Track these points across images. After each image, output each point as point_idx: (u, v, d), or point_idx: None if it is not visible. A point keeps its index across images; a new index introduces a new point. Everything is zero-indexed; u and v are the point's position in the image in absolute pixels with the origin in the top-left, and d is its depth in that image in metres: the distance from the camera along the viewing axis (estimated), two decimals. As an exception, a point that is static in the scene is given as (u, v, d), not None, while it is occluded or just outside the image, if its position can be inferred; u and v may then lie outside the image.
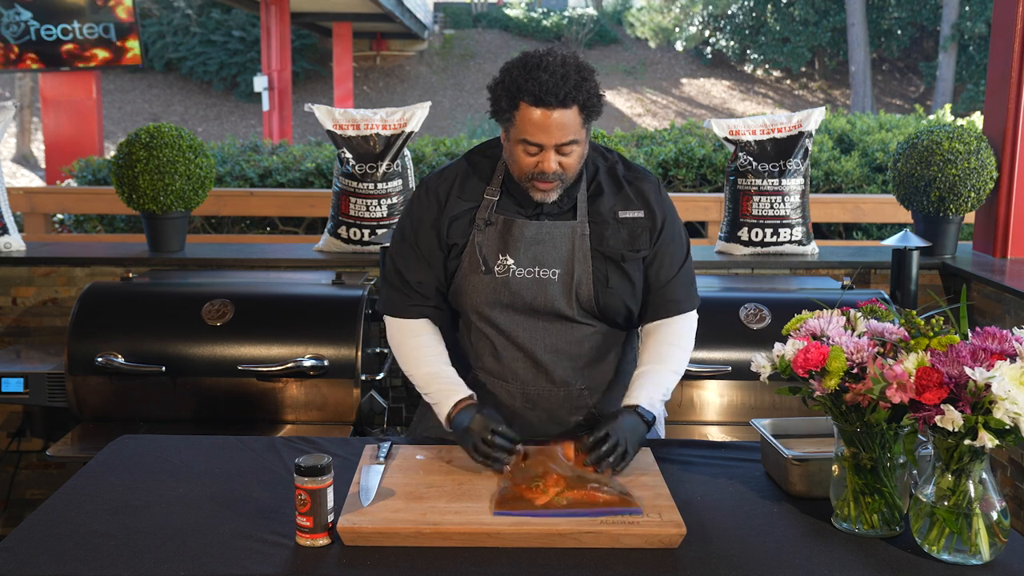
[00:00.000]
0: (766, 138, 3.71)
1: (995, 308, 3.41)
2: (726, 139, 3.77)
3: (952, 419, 1.47)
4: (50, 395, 3.16)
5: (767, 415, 2.47)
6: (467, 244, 2.09)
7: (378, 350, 3.22)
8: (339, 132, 3.67)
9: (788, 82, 23.42)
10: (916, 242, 3.34)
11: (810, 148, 3.74)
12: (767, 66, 23.09)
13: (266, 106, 13.50)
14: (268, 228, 6.17)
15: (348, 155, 3.65)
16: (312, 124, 18.05)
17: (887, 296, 3.22)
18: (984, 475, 1.56)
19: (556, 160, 1.97)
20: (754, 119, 3.76)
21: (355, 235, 3.71)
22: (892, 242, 3.37)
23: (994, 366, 1.47)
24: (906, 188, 3.79)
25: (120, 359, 2.89)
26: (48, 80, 8.63)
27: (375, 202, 3.65)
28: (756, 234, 3.72)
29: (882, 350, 1.64)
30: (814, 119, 3.71)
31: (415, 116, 3.68)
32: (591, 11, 25.37)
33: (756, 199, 3.70)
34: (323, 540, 1.63)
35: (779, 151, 3.70)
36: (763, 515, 1.77)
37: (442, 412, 2.04)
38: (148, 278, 3.36)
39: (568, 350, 2.12)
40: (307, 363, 2.86)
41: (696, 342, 2.34)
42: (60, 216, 6.22)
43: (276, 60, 13.55)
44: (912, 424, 1.60)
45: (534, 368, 2.13)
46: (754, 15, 22.59)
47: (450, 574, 1.54)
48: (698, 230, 5.92)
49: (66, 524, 1.71)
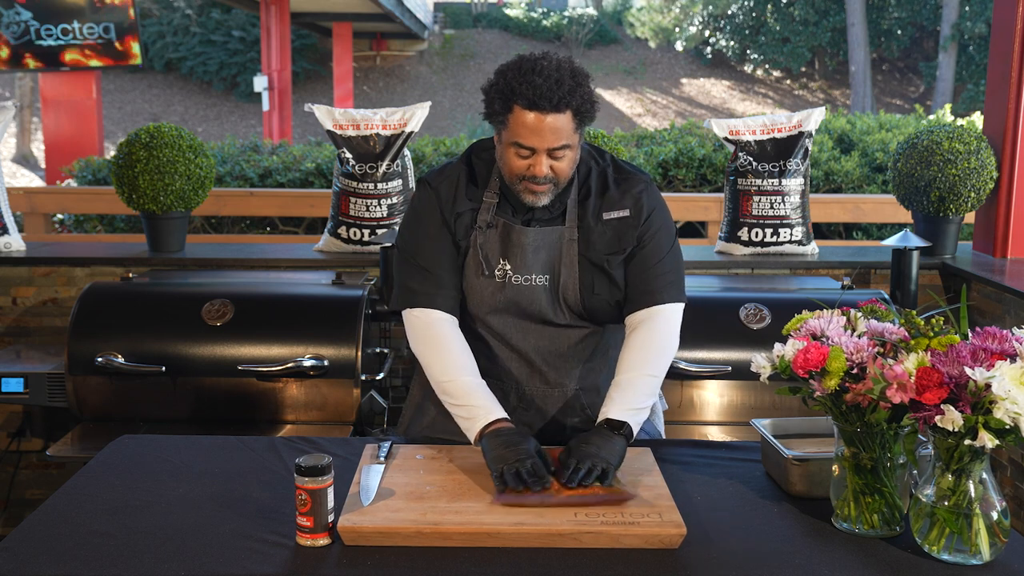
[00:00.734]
0: (766, 138, 3.71)
1: (995, 308, 3.41)
2: (726, 139, 3.77)
3: (952, 419, 1.47)
4: (50, 395, 3.16)
5: (767, 415, 2.47)
6: (469, 246, 2.08)
7: (378, 350, 3.22)
8: (339, 132, 3.67)
9: (788, 82, 23.42)
10: (916, 242, 3.34)
11: (810, 148, 3.74)
12: (767, 66, 23.09)
13: (266, 106, 13.51)
14: (268, 228, 6.17)
15: (348, 155, 3.65)
16: (312, 124, 18.05)
17: (887, 296, 3.22)
18: (984, 475, 1.56)
19: (548, 164, 1.95)
20: (754, 119, 3.76)
21: (355, 235, 3.71)
22: (892, 242, 3.37)
23: (994, 366, 1.47)
24: (906, 188, 3.79)
25: (120, 359, 2.89)
26: (48, 80, 8.63)
27: (375, 202, 3.66)
28: (756, 234, 3.72)
29: (882, 350, 1.64)
30: (814, 119, 3.71)
31: (415, 116, 3.68)
32: (591, 11, 25.37)
33: (756, 199, 3.70)
34: (323, 540, 1.63)
35: (779, 151, 3.70)
36: (763, 515, 1.77)
37: (475, 426, 1.93)
38: (148, 278, 3.36)
39: (560, 352, 2.13)
40: (307, 363, 2.86)
41: (696, 342, 2.34)
42: (60, 216, 6.22)
43: (276, 60, 13.56)
44: (912, 424, 1.60)
45: (528, 369, 2.13)
46: (754, 15, 22.59)
47: (450, 574, 1.54)
48: (698, 230, 5.91)
49: (66, 524, 1.71)
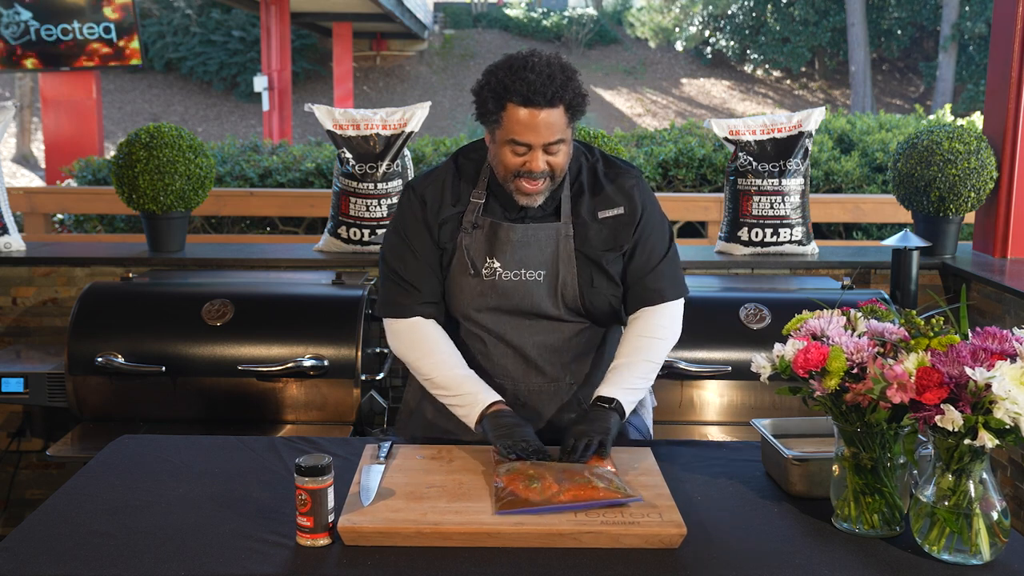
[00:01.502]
0: (766, 138, 3.71)
1: (995, 308, 3.41)
2: (726, 139, 3.77)
3: (952, 419, 1.47)
4: (50, 395, 3.16)
5: (767, 415, 2.46)
6: (455, 248, 2.09)
7: (378, 350, 3.22)
8: (339, 132, 3.67)
9: (788, 82, 23.42)
10: (916, 242, 3.34)
11: (810, 148, 3.73)
12: (767, 66, 23.09)
13: (266, 106, 13.51)
14: (268, 228, 6.17)
15: (348, 155, 3.65)
16: (312, 124, 18.06)
17: (887, 296, 3.22)
18: (984, 475, 1.56)
19: (544, 160, 1.97)
20: (754, 119, 3.76)
21: (355, 235, 3.71)
22: (892, 242, 3.37)
23: (994, 366, 1.47)
24: (906, 188, 3.79)
25: (120, 359, 2.89)
26: (48, 80, 8.63)
27: (375, 202, 3.65)
28: (756, 234, 3.72)
29: (882, 350, 1.64)
30: (814, 119, 3.71)
31: (415, 116, 3.68)
32: (591, 11, 25.37)
33: (756, 199, 3.70)
34: (323, 540, 1.63)
35: (779, 151, 3.70)
36: (763, 515, 1.77)
37: (474, 412, 2.00)
38: (148, 278, 3.36)
39: (556, 347, 2.14)
40: (307, 363, 2.86)
41: (696, 342, 2.35)
42: (60, 216, 6.22)
43: (276, 60, 13.56)
44: (912, 424, 1.60)
45: (523, 364, 2.14)
46: (754, 15, 22.59)
47: (450, 574, 1.54)
48: (698, 230, 5.91)
49: (66, 524, 1.71)
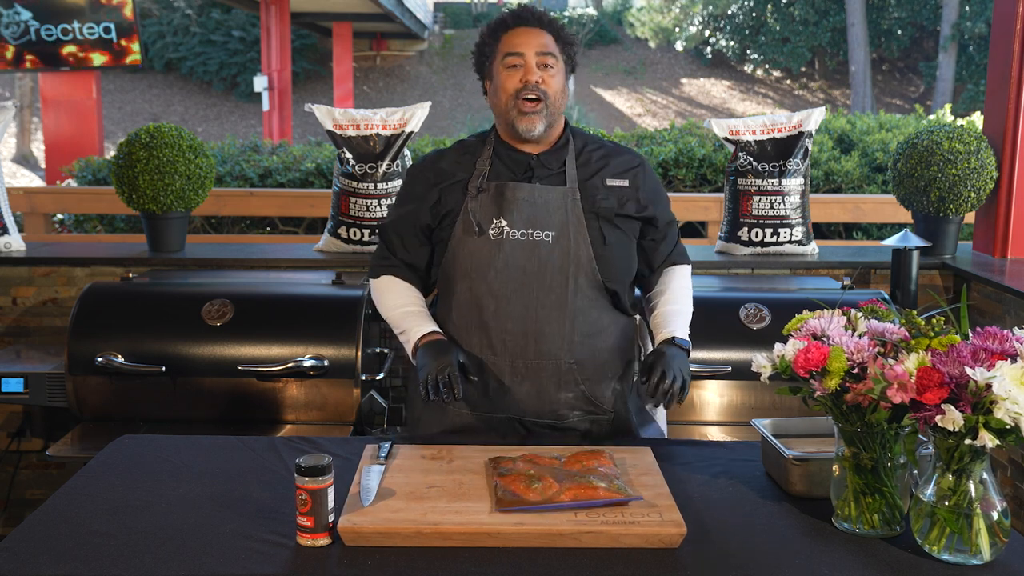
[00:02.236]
0: (766, 138, 3.71)
1: (995, 308, 3.41)
2: (726, 139, 3.77)
3: (953, 419, 1.47)
4: (50, 395, 3.15)
5: (767, 415, 2.46)
6: (461, 210, 2.14)
7: (378, 350, 3.22)
8: (339, 132, 3.67)
9: (788, 82, 23.42)
10: (916, 242, 3.34)
11: (810, 148, 3.73)
12: (767, 66, 23.09)
13: (266, 106, 13.52)
14: (268, 228, 6.17)
15: (348, 155, 3.65)
16: (312, 124, 18.06)
17: (887, 296, 3.22)
18: (985, 475, 1.56)
19: (538, 75, 2.12)
20: (754, 119, 3.76)
21: (355, 235, 3.71)
22: (892, 242, 3.37)
23: (995, 366, 1.47)
24: (906, 188, 3.79)
25: (120, 359, 2.89)
26: (48, 80, 8.63)
27: (375, 202, 3.65)
28: (756, 234, 3.72)
29: (883, 350, 1.64)
30: (814, 119, 3.71)
31: (415, 116, 3.68)
32: (591, 11, 25.37)
33: (756, 199, 3.70)
34: (324, 540, 1.63)
35: (779, 151, 3.70)
36: (763, 515, 1.77)
37: (410, 343, 2.15)
38: (148, 278, 3.36)
39: (560, 321, 2.13)
40: (307, 363, 2.86)
41: (696, 342, 2.35)
42: (60, 216, 6.22)
43: (276, 60, 13.57)
44: (913, 424, 1.60)
45: (523, 337, 2.13)
46: (754, 15, 22.59)
47: (450, 574, 1.54)
48: (698, 230, 5.91)
49: (66, 524, 1.71)
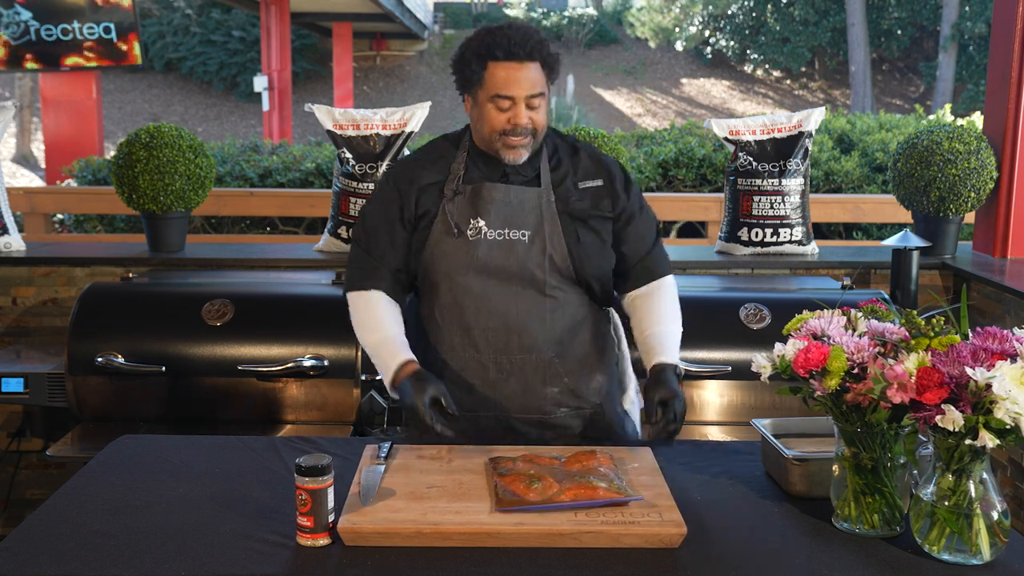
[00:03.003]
0: (766, 138, 3.71)
1: (995, 308, 3.41)
2: (726, 139, 3.77)
3: (953, 419, 1.47)
4: (50, 395, 3.15)
5: (767, 415, 2.46)
6: (438, 212, 2.14)
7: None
8: (339, 132, 3.67)
9: (788, 82, 23.42)
10: (916, 242, 3.34)
11: (810, 148, 3.73)
12: (767, 66, 23.08)
13: (266, 106, 13.51)
14: (268, 228, 6.17)
15: (348, 155, 3.64)
16: (312, 124, 18.05)
17: (887, 296, 3.22)
18: (984, 475, 1.56)
19: (527, 115, 2.08)
20: (754, 119, 3.76)
21: (355, 235, 3.70)
22: (892, 242, 3.37)
23: (995, 366, 1.47)
24: (906, 188, 3.79)
25: (120, 359, 2.89)
26: (48, 80, 8.63)
27: (375, 202, 3.65)
28: (756, 234, 3.72)
29: (883, 350, 1.64)
30: (814, 119, 3.71)
31: (415, 116, 3.68)
32: (591, 11, 25.36)
33: (756, 199, 3.69)
34: (324, 540, 1.63)
35: (779, 151, 3.70)
36: (763, 515, 1.77)
37: (387, 376, 2.10)
38: (148, 278, 3.36)
39: (540, 316, 2.14)
40: (307, 363, 2.86)
41: (696, 342, 2.37)
42: (60, 216, 6.21)
43: (276, 60, 13.56)
44: (913, 424, 1.60)
45: (506, 335, 2.13)
46: (754, 15, 22.58)
47: (450, 574, 1.54)
48: (698, 230, 5.91)
49: (66, 524, 1.71)
